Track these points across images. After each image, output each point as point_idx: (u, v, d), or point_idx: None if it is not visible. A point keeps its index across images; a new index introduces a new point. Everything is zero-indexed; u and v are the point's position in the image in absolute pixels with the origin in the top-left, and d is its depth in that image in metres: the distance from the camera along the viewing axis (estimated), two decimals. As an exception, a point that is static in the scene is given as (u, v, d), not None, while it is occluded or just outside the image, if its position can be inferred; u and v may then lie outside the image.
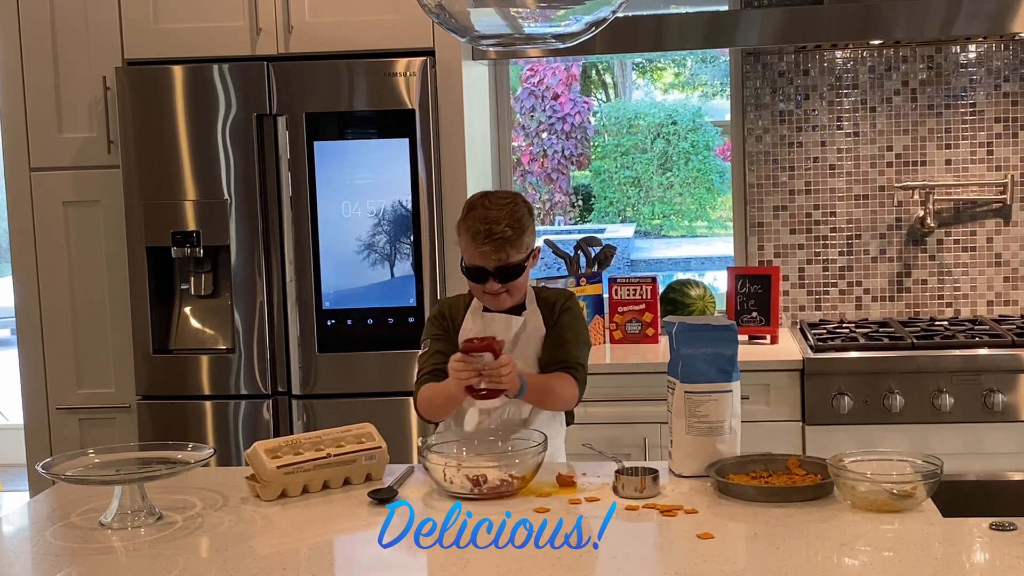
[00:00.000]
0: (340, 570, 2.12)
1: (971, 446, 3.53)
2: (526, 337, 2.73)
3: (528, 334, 2.74)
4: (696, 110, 9.06)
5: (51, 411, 3.91)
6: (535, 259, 2.74)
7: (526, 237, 2.66)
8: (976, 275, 4.15)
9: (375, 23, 3.69)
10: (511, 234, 2.62)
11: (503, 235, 2.61)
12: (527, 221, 2.67)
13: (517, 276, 2.67)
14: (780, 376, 3.63)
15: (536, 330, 2.74)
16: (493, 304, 2.73)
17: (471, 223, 2.64)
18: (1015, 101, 4.10)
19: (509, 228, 2.62)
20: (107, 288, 3.87)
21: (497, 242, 2.61)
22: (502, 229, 2.61)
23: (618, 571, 2.00)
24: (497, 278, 2.65)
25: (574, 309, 2.79)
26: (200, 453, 2.44)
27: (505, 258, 2.63)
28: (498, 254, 2.62)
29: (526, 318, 2.74)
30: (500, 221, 2.61)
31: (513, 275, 2.66)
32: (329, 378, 3.71)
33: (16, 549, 2.26)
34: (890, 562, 1.97)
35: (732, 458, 2.47)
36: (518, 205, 2.68)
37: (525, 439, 2.51)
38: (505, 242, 2.61)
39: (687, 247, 9.05)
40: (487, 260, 2.63)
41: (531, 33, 2.22)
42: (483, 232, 2.61)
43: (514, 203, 2.67)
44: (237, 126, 3.67)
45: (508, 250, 2.62)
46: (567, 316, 2.76)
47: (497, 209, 2.63)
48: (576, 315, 2.78)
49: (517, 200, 2.69)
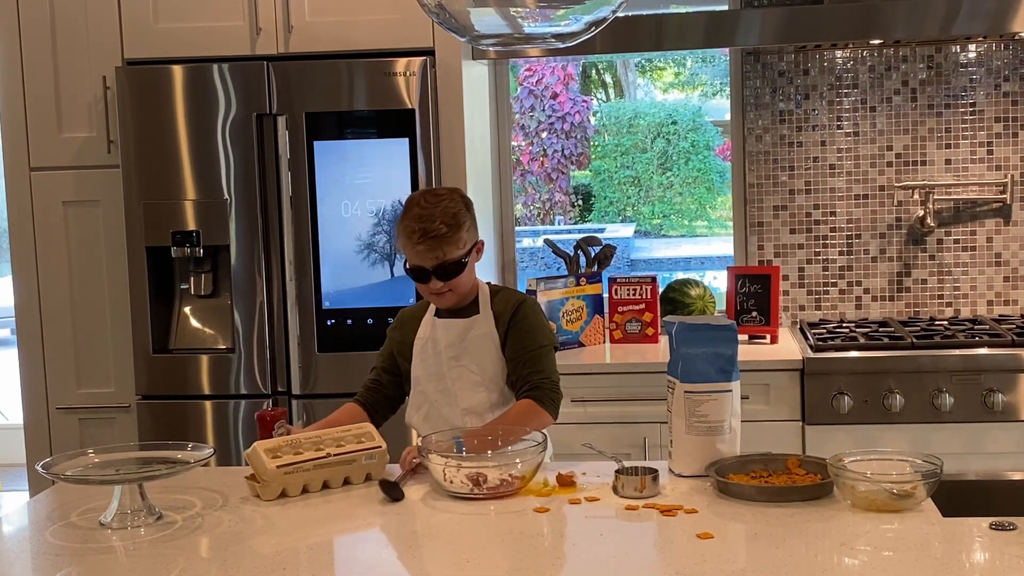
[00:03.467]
0: (340, 570, 2.12)
1: (971, 446, 3.53)
2: (476, 342, 2.71)
3: (478, 339, 2.71)
4: (696, 110, 9.07)
5: (51, 411, 3.91)
6: (479, 253, 2.71)
7: (463, 233, 2.64)
8: (976, 275, 4.15)
9: (375, 23, 3.69)
10: (446, 231, 2.60)
11: (438, 232, 2.60)
12: (463, 216, 2.65)
13: (458, 273, 2.65)
14: (780, 376, 3.63)
15: (488, 335, 2.71)
16: (439, 303, 2.72)
17: (407, 223, 2.63)
18: (1015, 101, 4.10)
19: (444, 225, 2.60)
20: (107, 288, 3.87)
21: (432, 240, 2.60)
22: (436, 227, 2.60)
23: (618, 571, 1.99)
24: (438, 276, 2.63)
25: (531, 312, 2.74)
26: (200, 453, 2.43)
27: (442, 256, 2.61)
28: (434, 252, 2.61)
29: (475, 321, 2.72)
30: (435, 219, 2.60)
31: (454, 272, 2.64)
32: (329, 378, 3.71)
33: (16, 549, 2.26)
34: (890, 562, 1.97)
35: (732, 458, 2.47)
36: (454, 201, 2.65)
37: (525, 439, 2.51)
38: (440, 239, 2.60)
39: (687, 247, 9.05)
40: (424, 259, 2.62)
41: (531, 33, 2.22)
42: (418, 231, 2.60)
43: (449, 199, 2.65)
44: (237, 126, 3.67)
45: (444, 248, 2.61)
46: (524, 322, 2.71)
47: (431, 207, 2.62)
48: (533, 318, 2.73)
49: (453, 196, 2.67)
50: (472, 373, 2.71)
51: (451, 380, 2.72)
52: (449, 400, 2.73)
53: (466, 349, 2.71)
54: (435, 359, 2.74)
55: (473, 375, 2.71)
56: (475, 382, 2.71)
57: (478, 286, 2.76)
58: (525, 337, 2.71)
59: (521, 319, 2.71)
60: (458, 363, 2.71)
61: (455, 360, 2.71)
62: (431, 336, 2.74)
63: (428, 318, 2.77)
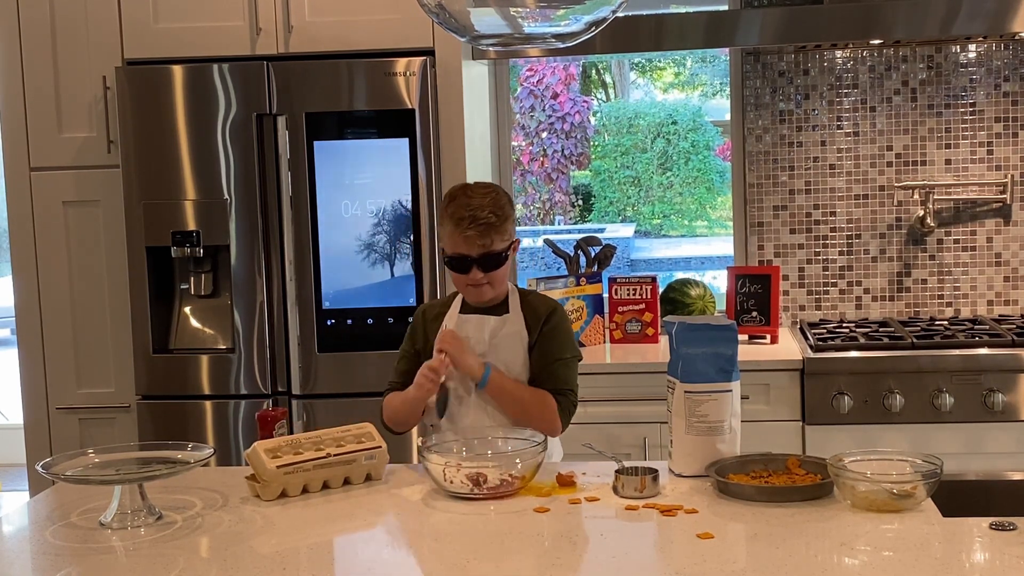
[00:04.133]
0: (340, 570, 2.12)
1: (971, 446, 3.53)
2: (506, 340, 2.71)
3: (508, 337, 2.71)
4: (696, 110, 9.07)
5: (51, 411, 3.91)
6: (515, 250, 2.76)
7: (508, 225, 2.70)
8: (976, 275, 4.15)
9: (375, 23, 3.69)
10: (495, 220, 2.65)
11: (487, 220, 2.64)
12: (508, 210, 2.71)
13: (499, 265, 2.68)
14: (780, 376, 3.63)
15: (518, 334, 2.72)
16: (475, 296, 2.72)
17: (455, 209, 2.66)
18: (1015, 101, 4.10)
19: (493, 215, 2.65)
20: (107, 288, 3.87)
21: (482, 227, 2.63)
22: (486, 215, 2.64)
23: (618, 571, 1.99)
24: (480, 266, 2.66)
25: (562, 321, 2.77)
26: (200, 453, 2.43)
27: (489, 244, 2.65)
28: (483, 239, 2.64)
29: (506, 320, 2.73)
30: (484, 208, 2.65)
31: (495, 264, 2.67)
32: (329, 378, 3.71)
33: (16, 549, 2.26)
34: (890, 562, 1.97)
35: (732, 458, 2.47)
36: (499, 194, 2.71)
37: (525, 439, 2.51)
38: (489, 227, 2.64)
39: (687, 247, 9.06)
40: (471, 246, 2.64)
41: (531, 33, 2.22)
42: (467, 218, 2.64)
43: (496, 192, 2.71)
44: (237, 126, 3.67)
45: (492, 236, 2.65)
46: (556, 331, 2.73)
47: (480, 197, 2.67)
48: (565, 328, 2.77)
49: (498, 190, 2.73)
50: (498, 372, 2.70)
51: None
52: (471, 396, 2.70)
53: (494, 347, 2.71)
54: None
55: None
56: None
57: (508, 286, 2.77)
58: (555, 346, 2.73)
59: (554, 327, 2.74)
60: (484, 360, 2.70)
61: (482, 357, 2.70)
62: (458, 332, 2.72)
63: (453, 314, 2.76)
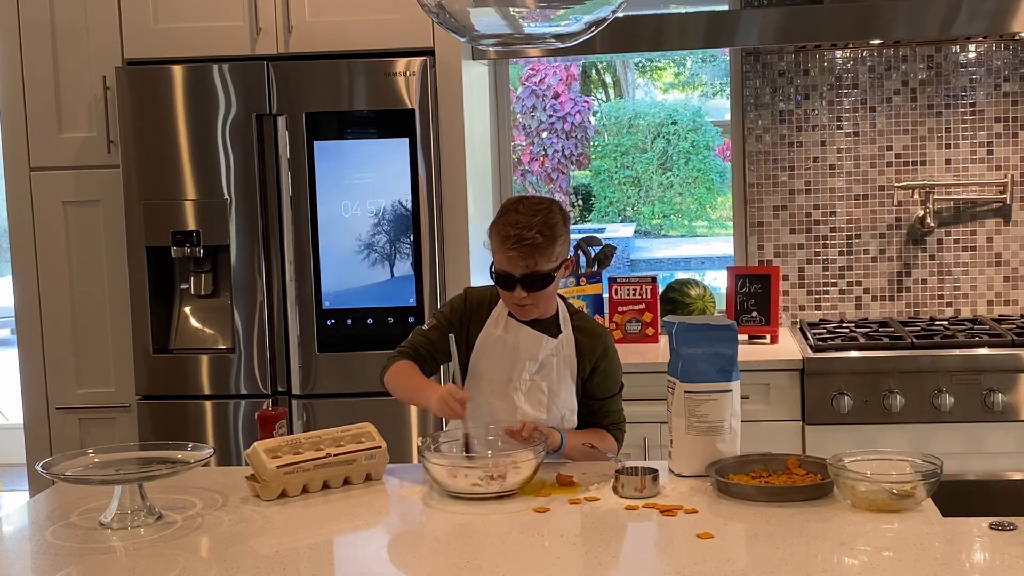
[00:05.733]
0: (340, 570, 2.12)
1: (971, 446, 3.53)
2: (557, 363, 2.68)
3: (559, 361, 2.68)
4: (696, 110, 9.06)
5: (51, 411, 3.91)
6: (567, 269, 2.67)
7: (557, 246, 2.59)
8: (976, 275, 4.15)
9: (375, 23, 3.69)
10: (541, 241, 2.55)
11: (533, 241, 2.54)
12: (560, 230, 2.60)
13: (545, 286, 2.60)
14: (780, 376, 3.63)
15: (568, 359, 2.69)
16: (519, 313, 2.67)
17: (501, 227, 2.58)
18: (1015, 101, 4.10)
19: (540, 235, 2.55)
20: (107, 288, 3.87)
21: (526, 248, 2.54)
22: (532, 236, 2.54)
23: (618, 571, 2.00)
24: (524, 286, 2.58)
25: (615, 354, 2.75)
26: (200, 453, 2.44)
27: (533, 265, 2.56)
28: (526, 260, 2.55)
29: (562, 343, 2.68)
30: (532, 227, 2.55)
31: (541, 284, 2.59)
32: (329, 378, 3.71)
33: (16, 549, 2.26)
34: (890, 562, 1.97)
35: (732, 458, 2.47)
36: (553, 213, 2.60)
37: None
38: (534, 249, 2.54)
39: (687, 247, 9.05)
40: (515, 266, 2.57)
41: (531, 33, 2.23)
42: (512, 237, 2.55)
43: (549, 210, 2.60)
44: (237, 126, 3.67)
45: (536, 258, 2.55)
46: (611, 366, 2.73)
47: (530, 215, 2.57)
48: (617, 360, 2.76)
49: (552, 207, 2.61)
50: (541, 392, 2.68)
51: (515, 388, 2.68)
52: (506, 405, 2.68)
53: (543, 366, 2.67)
54: (508, 363, 2.68)
55: (541, 393, 2.68)
56: (539, 400, 2.67)
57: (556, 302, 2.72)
58: (609, 381, 2.73)
59: (609, 362, 2.72)
60: (531, 376, 2.67)
61: (528, 373, 2.67)
62: (506, 338, 2.68)
63: (500, 313, 2.70)
